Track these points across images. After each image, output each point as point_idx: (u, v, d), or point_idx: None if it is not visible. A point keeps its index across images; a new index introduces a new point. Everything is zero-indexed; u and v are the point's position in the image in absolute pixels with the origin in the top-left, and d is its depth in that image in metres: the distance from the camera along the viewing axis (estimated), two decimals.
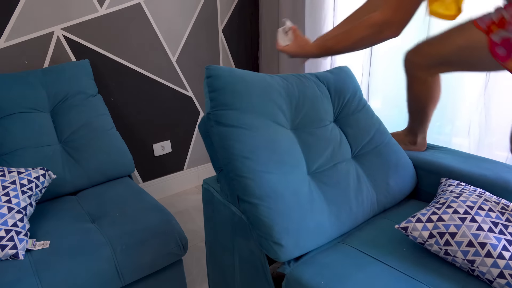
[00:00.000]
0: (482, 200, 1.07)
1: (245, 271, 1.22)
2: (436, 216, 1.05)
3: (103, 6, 1.94)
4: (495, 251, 0.94)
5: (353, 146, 1.33)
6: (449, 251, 1.00)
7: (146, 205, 1.41)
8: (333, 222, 1.12)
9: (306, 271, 1.01)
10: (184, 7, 2.23)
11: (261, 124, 1.14)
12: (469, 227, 0.99)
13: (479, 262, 0.95)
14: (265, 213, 1.03)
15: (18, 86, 1.58)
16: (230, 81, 1.14)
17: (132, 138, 2.23)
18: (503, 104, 1.45)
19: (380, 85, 1.85)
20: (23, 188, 1.23)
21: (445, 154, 1.39)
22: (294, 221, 1.04)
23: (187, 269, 1.75)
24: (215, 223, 1.32)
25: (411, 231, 1.05)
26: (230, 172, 1.10)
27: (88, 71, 1.78)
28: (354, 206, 1.19)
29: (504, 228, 0.98)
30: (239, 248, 1.22)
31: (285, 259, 1.04)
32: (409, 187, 1.35)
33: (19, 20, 1.72)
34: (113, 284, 1.18)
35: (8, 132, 1.49)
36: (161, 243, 1.27)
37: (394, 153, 1.36)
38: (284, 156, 1.13)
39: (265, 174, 1.07)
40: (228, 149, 1.09)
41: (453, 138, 1.63)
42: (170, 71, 2.29)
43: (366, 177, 1.27)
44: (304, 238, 1.05)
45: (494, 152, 1.51)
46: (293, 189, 1.09)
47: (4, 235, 1.11)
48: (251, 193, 1.05)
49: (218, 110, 1.12)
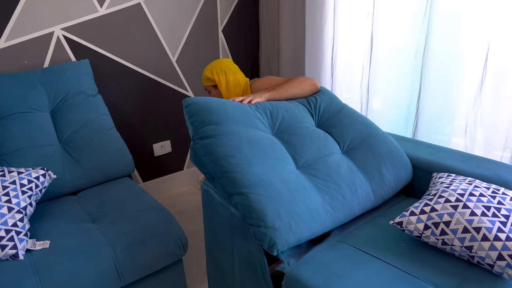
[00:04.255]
0: (472, 187, 1.07)
1: (245, 271, 1.23)
2: (429, 207, 1.05)
3: (103, 6, 1.94)
4: (491, 234, 0.94)
5: (340, 142, 1.36)
6: (446, 241, 1.00)
7: (146, 205, 1.41)
8: (327, 210, 1.13)
9: (305, 270, 1.02)
10: (184, 7, 2.23)
11: (240, 129, 1.21)
12: (462, 214, 1.00)
13: (476, 247, 0.95)
14: (254, 200, 1.05)
15: (18, 86, 1.58)
16: (203, 103, 1.26)
17: (132, 138, 2.23)
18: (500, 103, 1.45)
19: (380, 85, 1.85)
20: (23, 188, 1.23)
21: (444, 154, 1.39)
22: (285, 205, 1.06)
23: (187, 269, 1.75)
24: (214, 224, 1.33)
25: (406, 225, 1.06)
26: (217, 173, 1.14)
27: (88, 71, 1.78)
28: (348, 196, 1.19)
29: (496, 211, 0.99)
30: (238, 248, 1.22)
31: (281, 246, 1.03)
32: (404, 176, 1.35)
33: (19, 20, 1.72)
34: (113, 284, 1.18)
35: (8, 132, 1.49)
36: (161, 243, 1.27)
37: (384, 144, 1.37)
38: (267, 152, 1.18)
39: (250, 166, 1.11)
40: (212, 154, 1.16)
41: (452, 138, 1.64)
42: (170, 71, 2.29)
43: (358, 169, 1.28)
44: (297, 222, 1.05)
45: (491, 152, 1.51)
46: (281, 178, 1.12)
47: (4, 235, 1.11)
48: (239, 184, 1.08)
49: (198, 129, 1.22)
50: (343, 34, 1.95)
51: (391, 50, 1.78)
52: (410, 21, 1.66)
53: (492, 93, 1.46)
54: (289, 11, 2.22)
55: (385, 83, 1.83)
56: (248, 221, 1.07)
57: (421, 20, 1.60)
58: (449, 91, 1.57)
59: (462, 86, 1.53)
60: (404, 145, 1.47)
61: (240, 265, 1.24)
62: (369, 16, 1.80)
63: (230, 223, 1.23)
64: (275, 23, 2.40)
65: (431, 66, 1.59)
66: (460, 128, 1.58)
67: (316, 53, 2.06)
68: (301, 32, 2.16)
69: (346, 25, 1.93)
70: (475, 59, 1.47)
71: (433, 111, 1.64)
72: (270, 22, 2.45)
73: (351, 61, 1.97)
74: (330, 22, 1.96)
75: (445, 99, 1.60)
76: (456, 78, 1.54)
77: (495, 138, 1.49)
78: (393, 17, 1.72)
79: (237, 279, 1.28)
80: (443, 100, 1.60)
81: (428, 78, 1.61)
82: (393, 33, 1.74)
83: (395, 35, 1.74)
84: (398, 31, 1.72)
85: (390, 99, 1.85)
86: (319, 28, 2.00)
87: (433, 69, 1.59)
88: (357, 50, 1.92)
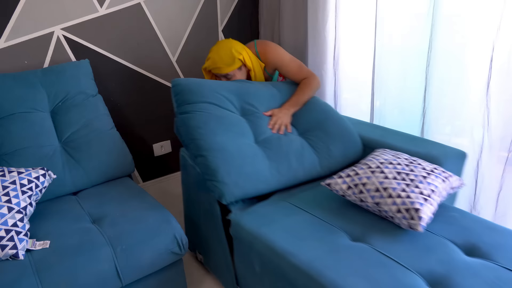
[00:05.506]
0: (393, 158, 1.30)
1: (206, 220, 1.53)
2: (354, 172, 1.28)
3: (103, 6, 1.94)
4: (395, 192, 1.16)
5: (297, 126, 1.60)
6: (362, 198, 1.22)
7: (146, 205, 1.41)
8: (273, 174, 1.41)
9: (245, 218, 1.31)
10: (184, 7, 2.23)
11: (211, 108, 1.50)
12: (377, 177, 1.22)
13: (382, 202, 1.17)
14: (211, 160, 1.36)
15: (18, 86, 1.58)
16: (186, 84, 1.55)
17: (132, 138, 2.23)
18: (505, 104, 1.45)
19: (383, 85, 1.85)
20: (23, 188, 1.23)
21: (393, 135, 1.60)
22: (235, 166, 1.35)
23: (187, 269, 1.75)
24: (187, 182, 1.61)
25: (333, 186, 1.29)
26: (188, 140, 1.46)
27: (88, 71, 1.78)
28: (294, 164, 1.45)
29: (406, 175, 1.20)
30: (202, 202, 1.51)
31: (229, 197, 1.32)
32: (352, 152, 1.57)
33: (19, 20, 1.72)
34: (113, 284, 1.18)
35: (8, 132, 1.49)
36: (161, 243, 1.27)
37: (337, 126, 1.59)
38: (230, 127, 1.46)
39: (213, 135, 1.41)
40: (186, 125, 1.47)
41: (452, 138, 1.63)
42: (170, 71, 2.29)
43: (309, 146, 1.53)
44: (243, 179, 1.35)
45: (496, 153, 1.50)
46: (237, 147, 1.40)
47: (4, 235, 1.11)
48: (201, 148, 1.39)
49: (180, 106, 1.53)
50: (345, 34, 1.94)
51: (394, 50, 1.77)
52: (413, 21, 1.65)
53: (497, 94, 1.45)
54: (289, 11, 2.22)
55: (389, 83, 1.82)
56: (206, 177, 1.38)
57: (425, 20, 1.59)
58: (455, 91, 1.56)
59: (468, 86, 1.52)
60: (361, 128, 1.68)
61: (203, 215, 1.54)
62: (371, 16, 1.79)
63: (197, 180, 1.49)
64: (275, 23, 2.39)
65: (436, 66, 1.59)
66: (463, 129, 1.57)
67: (318, 54, 2.05)
68: (302, 32, 2.16)
69: (348, 25, 1.92)
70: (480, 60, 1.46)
71: (440, 112, 1.63)
72: (270, 22, 2.44)
73: (354, 62, 1.96)
74: (331, 22, 1.95)
75: (451, 99, 1.59)
76: (462, 78, 1.53)
77: (500, 139, 1.48)
78: (396, 17, 1.70)
79: (202, 227, 1.58)
80: (450, 100, 1.59)
81: (433, 79, 1.61)
82: (396, 33, 1.73)
83: (398, 35, 1.73)
84: (401, 31, 1.71)
85: (394, 99, 1.84)
86: (320, 28, 1.99)
87: (439, 69, 1.58)
88: (360, 50, 1.91)
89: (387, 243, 1.10)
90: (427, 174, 1.20)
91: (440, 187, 1.18)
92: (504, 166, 1.49)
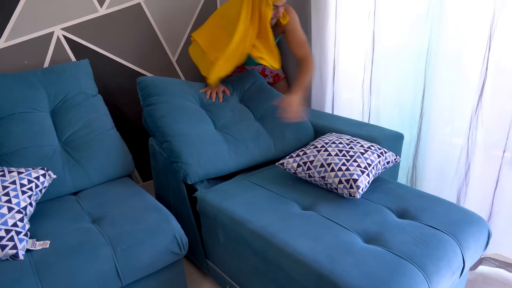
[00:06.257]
0: (336, 139, 1.51)
1: (175, 200, 1.67)
2: (303, 152, 1.49)
3: (103, 6, 1.94)
4: (337, 167, 1.37)
5: (255, 113, 1.82)
6: (310, 174, 1.43)
7: (146, 205, 1.41)
8: (231, 155, 1.60)
9: (210, 195, 1.48)
10: (184, 7, 2.23)
11: (174, 100, 1.70)
12: (322, 155, 1.43)
13: (327, 176, 1.38)
14: (175, 144, 1.54)
15: (18, 86, 1.58)
16: (151, 80, 1.76)
17: (132, 138, 2.23)
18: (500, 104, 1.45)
19: (381, 85, 1.85)
20: (23, 188, 1.23)
21: (341, 121, 1.80)
22: (197, 148, 1.54)
23: (187, 269, 1.75)
24: (157, 169, 1.75)
25: (286, 165, 1.49)
26: (154, 128, 1.64)
27: (88, 71, 1.78)
28: (251, 146, 1.65)
29: (346, 152, 1.41)
30: (171, 185, 1.65)
31: (193, 177, 1.50)
32: (304, 136, 1.77)
33: (19, 20, 1.72)
34: (113, 284, 1.18)
35: (8, 132, 1.49)
36: (161, 243, 1.27)
37: None
38: (191, 116, 1.66)
39: (176, 123, 1.60)
40: (152, 116, 1.65)
41: (453, 138, 1.63)
42: (170, 71, 2.29)
43: (265, 130, 1.73)
44: (205, 160, 1.53)
45: (491, 152, 1.51)
46: (198, 132, 1.59)
47: (4, 235, 1.11)
48: (166, 135, 1.58)
49: (145, 99, 1.72)
50: (345, 34, 1.94)
51: (393, 50, 1.77)
52: (412, 21, 1.65)
53: (492, 94, 1.45)
54: None
55: (387, 83, 1.83)
56: (171, 160, 1.55)
57: (424, 21, 1.60)
58: (453, 92, 1.57)
59: (465, 87, 1.53)
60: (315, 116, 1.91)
61: (173, 196, 1.68)
62: (370, 16, 1.79)
63: (164, 166, 1.65)
64: None
65: (435, 67, 1.59)
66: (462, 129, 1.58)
67: (318, 53, 2.06)
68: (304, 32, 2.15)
69: (347, 25, 1.92)
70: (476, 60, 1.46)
71: (438, 112, 1.63)
72: None
73: (353, 61, 1.97)
74: (332, 22, 1.96)
75: (449, 100, 1.59)
76: (460, 79, 1.54)
77: (495, 139, 1.49)
78: (394, 17, 1.71)
79: (172, 207, 1.72)
80: (448, 101, 1.59)
81: (432, 79, 1.61)
82: (395, 33, 1.74)
83: (397, 35, 1.73)
84: (400, 31, 1.72)
85: (392, 99, 1.84)
86: (321, 28, 1.99)
87: (438, 70, 1.58)
88: (359, 50, 1.91)
89: (332, 210, 1.30)
90: (364, 150, 1.42)
91: (376, 161, 1.40)
92: (500, 165, 1.50)
